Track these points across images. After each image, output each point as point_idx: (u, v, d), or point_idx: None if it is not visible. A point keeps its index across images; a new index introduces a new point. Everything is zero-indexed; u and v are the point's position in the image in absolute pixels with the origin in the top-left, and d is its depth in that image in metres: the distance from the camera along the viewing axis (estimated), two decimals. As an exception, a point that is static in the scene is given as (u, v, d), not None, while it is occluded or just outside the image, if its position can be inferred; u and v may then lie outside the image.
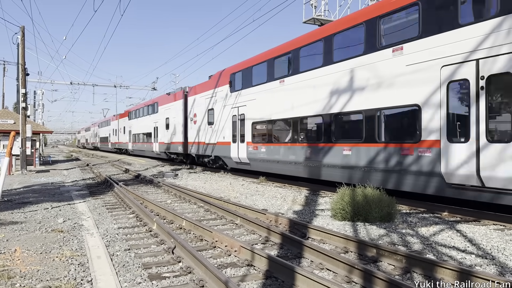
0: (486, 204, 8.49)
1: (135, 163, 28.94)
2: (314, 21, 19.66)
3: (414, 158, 9.43)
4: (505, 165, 7.49)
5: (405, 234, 7.20)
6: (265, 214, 8.56)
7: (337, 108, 12.02)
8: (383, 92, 10.37)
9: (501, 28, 7.70)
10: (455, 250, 6.15)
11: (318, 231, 6.97)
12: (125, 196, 11.52)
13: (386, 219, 8.19)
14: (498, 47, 7.70)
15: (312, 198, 11.79)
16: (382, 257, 5.60)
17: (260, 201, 11.34)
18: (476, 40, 8.11)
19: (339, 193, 8.94)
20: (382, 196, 8.49)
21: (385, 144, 10.31)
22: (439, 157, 8.77)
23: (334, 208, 8.76)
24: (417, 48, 9.39)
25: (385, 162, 10.24)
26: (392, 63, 10.08)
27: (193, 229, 7.54)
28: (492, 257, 5.77)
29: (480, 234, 7.16)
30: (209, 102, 21.13)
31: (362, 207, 8.28)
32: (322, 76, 12.73)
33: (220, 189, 14.17)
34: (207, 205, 10.28)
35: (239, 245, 5.98)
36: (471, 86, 8.13)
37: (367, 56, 10.94)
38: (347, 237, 6.39)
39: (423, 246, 6.38)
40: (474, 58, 8.10)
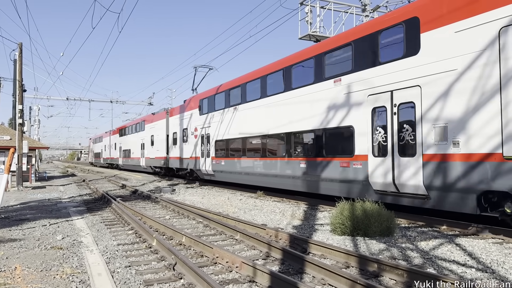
0: (483, 217, 8.55)
1: (131, 178, 28.84)
2: (310, 37, 19.94)
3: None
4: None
5: (405, 248, 7.23)
6: (264, 229, 8.56)
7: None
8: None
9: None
10: (455, 264, 6.18)
11: (318, 246, 6.98)
12: (123, 212, 11.48)
13: (385, 234, 8.22)
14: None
15: (310, 213, 11.80)
16: (384, 272, 5.62)
17: (259, 216, 11.33)
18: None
19: (338, 208, 8.97)
20: (381, 210, 8.52)
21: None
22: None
23: (334, 223, 8.78)
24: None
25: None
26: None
27: (193, 245, 7.53)
28: (492, 271, 5.80)
29: (479, 247, 7.20)
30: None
31: (361, 222, 8.30)
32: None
33: (218, 204, 14.15)
34: (206, 220, 10.27)
35: (241, 261, 5.98)
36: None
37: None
38: (348, 252, 6.41)
39: (423, 260, 6.41)
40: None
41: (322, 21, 19.90)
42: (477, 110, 7.98)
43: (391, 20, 10.26)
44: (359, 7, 19.00)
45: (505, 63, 7.49)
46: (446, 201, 8.70)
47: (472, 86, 8.06)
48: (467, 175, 8.15)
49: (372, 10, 18.12)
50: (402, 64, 9.71)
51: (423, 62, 9.14)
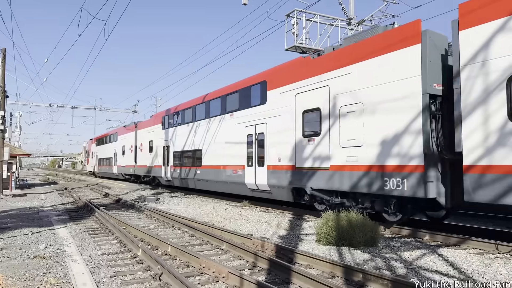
0: (466, 228, 8.75)
1: (114, 187, 28.48)
2: (296, 49, 20.17)
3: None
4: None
5: (389, 258, 7.35)
6: (251, 239, 8.58)
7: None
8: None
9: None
10: (438, 274, 6.31)
11: (304, 256, 7.04)
12: (107, 221, 11.35)
13: (370, 244, 8.33)
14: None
15: (296, 223, 11.86)
16: (369, 281, 5.71)
17: (244, 226, 11.34)
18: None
19: (323, 218, 9.06)
20: (365, 220, 8.65)
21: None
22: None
23: (319, 233, 8.86)
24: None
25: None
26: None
27: (179, 255, 7.50)
28: (473, 281, 5.95)
29: (461, 258, 7.37)
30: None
31: (346, 232, 8.40)
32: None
33: (203, 214, 14.10)
34: (192, 230, 10.23)
35: (227, 271, 5.99)
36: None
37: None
38: (334, 262, 6.49)
39: (407, 270, 6.53)
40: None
41: (308, 33, 20.14)
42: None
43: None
44: (344, 20, 19.36)
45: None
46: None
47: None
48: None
49: (357, 24, 18.49)
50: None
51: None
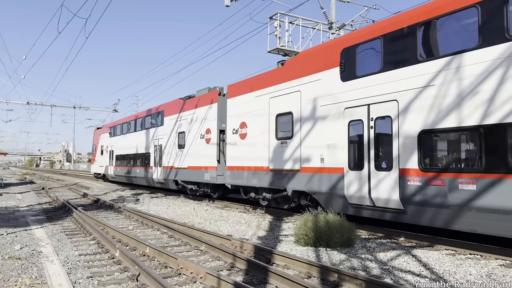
0: (438, 229, 8.99)
1: (93, 187, 28.09)
2: (278, 51, 20.36)
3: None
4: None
5: (365, 259, 7.51)
6: (230, 240, 8.64)
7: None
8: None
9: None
10: (410, 274, 6.49)
11: (282, 256, 7.13)
12: (85, 221, 11.22)
13: (346, 245, 8.49)
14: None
15: (275, 224, 11.96)
16: (344, 281, 5.83)
17: (224, 227, 11.39)
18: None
19: (302, 219, 9.18)
20: (343, 222, 8.80)
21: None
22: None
23: (298, 234, 8.98)
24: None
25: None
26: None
27: (157, 256, 7.50)
28: (444, 281, 6.15)
29: (434, 258, 7.58)
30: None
31: (324, 233, 8.54)
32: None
33: (183, 215, 14.07)
34: (171, 231, 10.21)
35: (205, 271, 6.04)
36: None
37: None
38: (310, 263, 6.60)
39: (381, 271, 6.69)
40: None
41: (290, 36, 20.37)
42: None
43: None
44: (326, 24, 19.61)
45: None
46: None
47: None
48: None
49: (338, 28, 18.76)
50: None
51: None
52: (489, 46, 7.40)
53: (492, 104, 7.28)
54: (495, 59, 7.26)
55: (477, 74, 7.54)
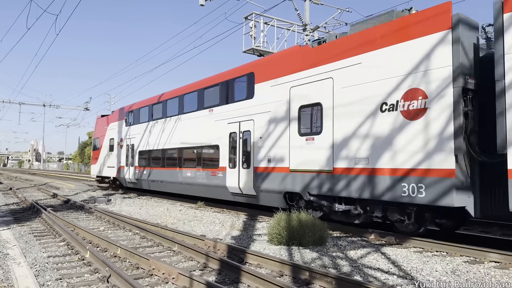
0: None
1: (63, 187, 27.39)
2: (254, 51, 20.44)
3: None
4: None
5: (336, 257, 7.66)
6: (203, 240, 8.62)
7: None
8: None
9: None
10: (379, 272, 6.67)
11: (255, 256, 7.18)
12: (54, 222, 10.95)
13: (318, 243, 8.63)
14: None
15: (250, 223, 12.02)
16: (315, 279, 5.94)
17: (198, 227, 11.35)
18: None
19: (275, 218, 9.27)
20: (315, 221, 8.95)
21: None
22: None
23: (271, 233, 9.06)
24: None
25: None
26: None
27: (128, 257, 7.41)
28: (412, 277, 6.35)
29: (402, 256, 7.81)
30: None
31: (297, 232, 8.65)
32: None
33: (156, 215, 13.93)
34: (143, 232, 10.10)
35: (177, 272, 6.02)
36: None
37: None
38: (283, 261, 6.68)
39: (351, 268, 6.84)
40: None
41: (265, 37, 20.50)
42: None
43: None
44: (300, 26, 19.82)
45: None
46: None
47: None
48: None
49: (312, 30, 18.98)
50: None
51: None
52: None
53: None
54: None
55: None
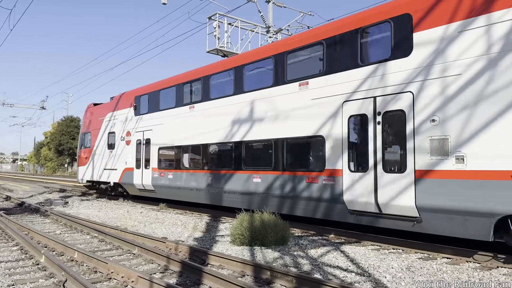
0: (365, 226, 9.52)
1: (18, 189, 26.17)
2: (217, 52, 20.40)
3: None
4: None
5: (297, 256, 7.78)
6: (164, 243, 8.51)
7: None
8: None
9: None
10: (338, 270, 6.84)
11: (217, 257, 7.17)
12: (7, 226, 10.45)
13: (280, 243, 8.74)
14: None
15: (213, 225, 11.97)
16: (276, 278, 6.01)
17: (159, 229, 11.17)
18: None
19: (238, 219, 9.29)
20: (277, 220, 9.05)
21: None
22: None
23: (233, 234, 9.07)
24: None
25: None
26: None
27: (86, 261, 7.19)
28: (369, 274, 6.55)
29: (360, 254, 8.04)
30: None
31: (259, 232, 8.72)
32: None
33: (116, 218, 13.59)
34: (102, 235, 9.83)
35: (137, 275, 5.91)
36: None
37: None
38: (244, 262, 6.71)
39: (312, 267, 6.97)
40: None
41: (229, 37, 20.51)
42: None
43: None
44: (264, 28, 19.98)
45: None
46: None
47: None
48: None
49: (275, 32, 19.19)
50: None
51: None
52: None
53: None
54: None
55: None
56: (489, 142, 6.95)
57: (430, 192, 7.65)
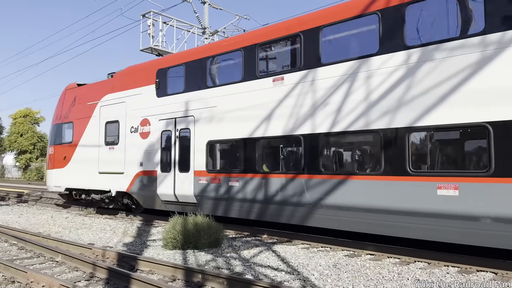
0: (296, 226, 9.79)
1: None
2: (152, 50, 19.88)
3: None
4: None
5: (230, 257, 7.81)
6: (91, 249, 8.11)
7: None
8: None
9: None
10: (270, 269, 6.98)
11: (147, 262, 6.98)
12: None
13: (214, 245, 8.72)
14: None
15: (144, 229, 11.63)
16: (207, 281, 5.99)
17: (86, 235, 10.63)
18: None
19: (171, 223, 9.13)
20: (211, 223, 9.03)
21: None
22: None
23: (166, 238, 8.89)
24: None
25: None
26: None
27: (3, 270, 6.65)
28: (298, 273, 6.76)
29: (291, 253, 8.27)
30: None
31: (192, 235, 8.63)
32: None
33: (39, 224, 12.70)
34: (22, 242, 9.14)
35: (59, 283, 5.59)
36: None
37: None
38: (176, 266, 6.61)
39: (244, 268, 7.05)
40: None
41: (164, 36, 20.08)
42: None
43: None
44: (200, 28, 19.84)
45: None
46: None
47: None
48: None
49: (211, 34, 19.14)
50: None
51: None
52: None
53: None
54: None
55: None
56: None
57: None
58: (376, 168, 8.17)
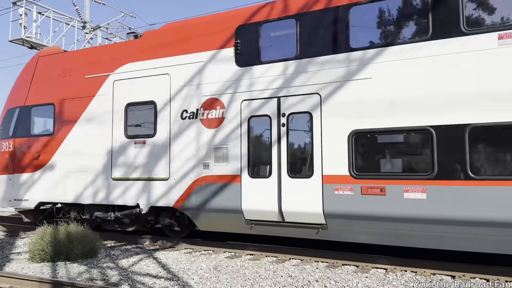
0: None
1: None
2: (23, 42, 17.94)
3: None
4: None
5: (106, 267, 7.41)
6: None
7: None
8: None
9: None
10: (148, 277, 6.80)
11: (7, 277, 6.25)
12: None
13: (89, 255, 8.19)
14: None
15: (8, 241, 10.39)
16: (77, 295, 5.59)
17: None
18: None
19: (39, 233, 8.33)
20: (86, 232, 8.46)
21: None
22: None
23: (32, 250, 8.08)
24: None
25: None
26: None
27: None
28: (178, 278, 6.71)
29: (173, 258, 8.17)
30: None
31: (64, 246, 7.99)
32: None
33: None
34: None
35: None
36: None
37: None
38: (41, 280, 6.05)
39: (120, 277, 6.74)
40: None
41: (39, 28, 18.26)
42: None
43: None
44: (81, 22, 18.52)
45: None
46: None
47: None
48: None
49: (92, 29, 18.01)
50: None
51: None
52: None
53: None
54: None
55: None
56: None
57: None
58: None
